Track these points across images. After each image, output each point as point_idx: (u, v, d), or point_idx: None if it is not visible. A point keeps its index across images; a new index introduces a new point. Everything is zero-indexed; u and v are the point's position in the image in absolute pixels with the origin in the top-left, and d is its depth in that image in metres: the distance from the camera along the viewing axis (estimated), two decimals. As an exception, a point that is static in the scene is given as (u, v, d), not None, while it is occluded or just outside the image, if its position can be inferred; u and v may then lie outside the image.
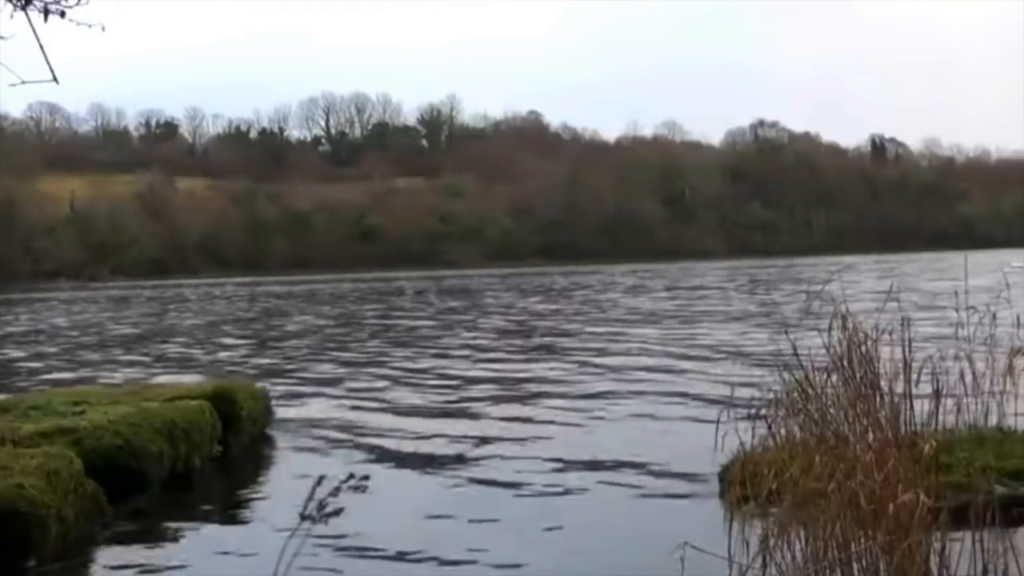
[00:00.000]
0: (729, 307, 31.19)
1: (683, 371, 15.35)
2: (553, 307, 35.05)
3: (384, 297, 48.19)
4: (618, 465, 8.89)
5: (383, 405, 13.13)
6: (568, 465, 8.96)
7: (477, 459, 9.42)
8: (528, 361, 17.91)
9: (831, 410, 4.67)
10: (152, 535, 7.28)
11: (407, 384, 15.21)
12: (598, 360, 17.36)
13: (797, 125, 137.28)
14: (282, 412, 11.77)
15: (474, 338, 23.40)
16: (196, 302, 49.34)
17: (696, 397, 12.23)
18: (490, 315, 31.88)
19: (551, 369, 16.39)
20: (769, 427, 4.76)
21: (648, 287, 48.31)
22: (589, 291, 46.60)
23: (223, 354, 21.45)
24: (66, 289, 75.98)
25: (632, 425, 10.86)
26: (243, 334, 27.54)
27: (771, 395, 4.78)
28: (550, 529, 7.03)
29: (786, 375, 4.79)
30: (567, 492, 8.05)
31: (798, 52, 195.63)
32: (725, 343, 19.01)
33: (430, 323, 29.42)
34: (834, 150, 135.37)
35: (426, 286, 59.43)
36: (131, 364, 19.77)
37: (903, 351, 4.62)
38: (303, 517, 2.48)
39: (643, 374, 15.25)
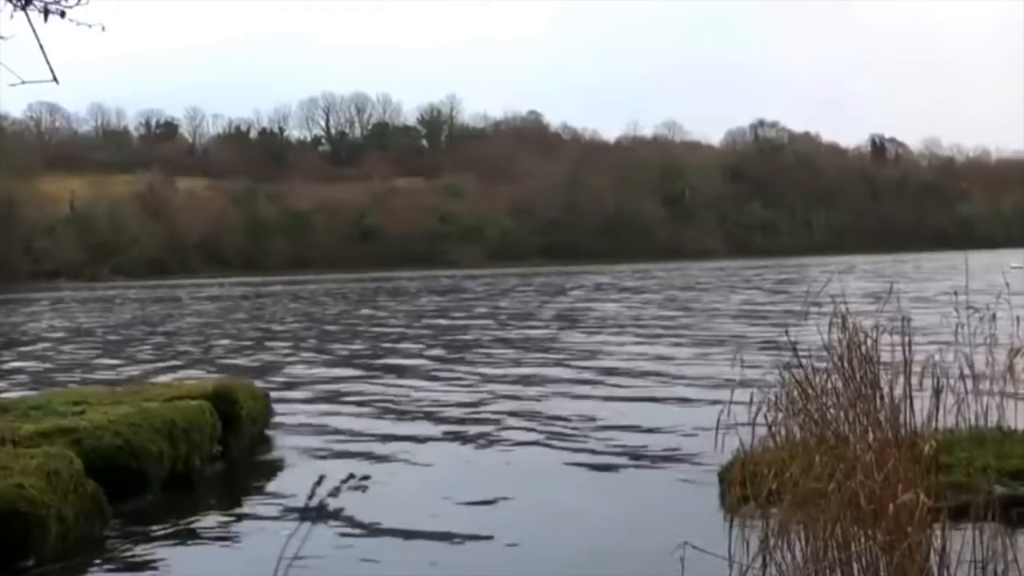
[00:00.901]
0: (726, 307, 31.19)
1: (682, 371, 15.36)
2: (555, 307, 35.06)
3: (377, 297, 48.22)
4: (618, 465, 8.90)
5: (382, 406, 13.14)
6: (567, 467, 8.96)
7: (475, 460, 9.42)
8: (524, 363, 17.90)
9: (831, 410, 4.67)
10: (152, 535, 7.27)
11: (404, 385, 15.21)
12: (594, 362, 17.37)
13: (797, 125, 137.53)
14: (281, 412, 11.77)
15: (469, 338, 23.41)
16: (190, 303, 49.33)
17: (696, 397, 12.24)
18: (479, 316, 31.89)
19: (546, 371, 16.38)
20: (769, 427, 4.76)
21: (646, 287, 48.31)
22: (585, 291, 46.63)
23: (217, 353, 21.46)
24: (64, 289, 75.89)
25: (631, 426, 10.85)
26: (234, 334, 27.54)
27: (771, 395, 4.78)
28: (550, 530, 7.03)
29: (786, 375, 4.79)
30: (567, 493, 8.05)
31: (798, 52, 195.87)
32: (724, 344, 19.00)
33: (418, 325, 29.42)
34: (834, 150, 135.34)
35: (414, 287, 59.43)
36: (127, 364, 19.77)
37: (903, 351, 4.62)
38: (303, 517, 2.47)
39: (641, 375, 15.27)
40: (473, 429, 11.02)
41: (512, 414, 11.93)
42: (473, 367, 17.23)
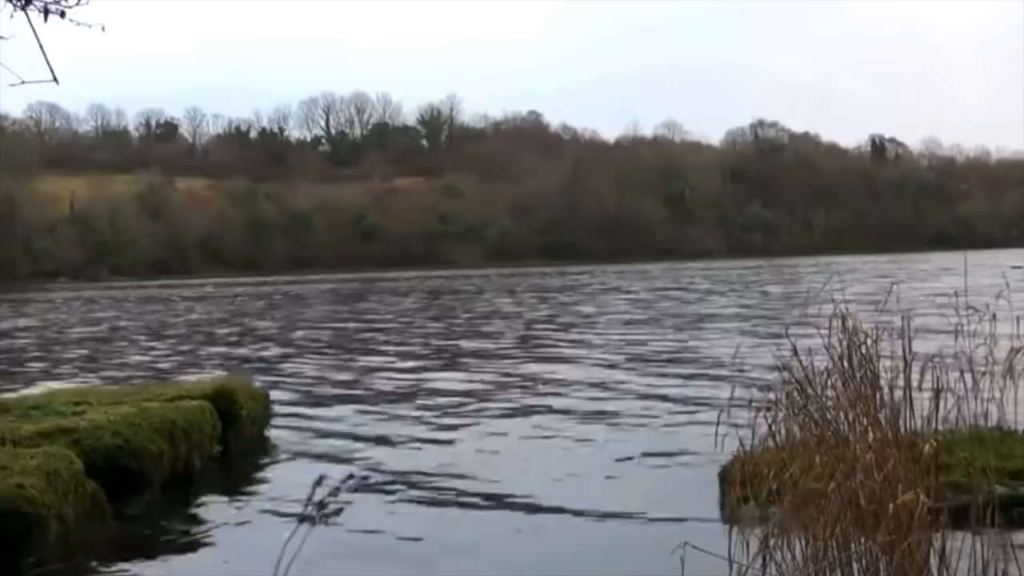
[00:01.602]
0: (725, 307, 31.20)
1: (681, 371, 15.36)
2: (555, 307, 35.07)
3: (368, 297, 48.22)
4: (617, 465, 8.90)
5: (380, 407, 13.14)
6: (567, 466, 8.96)
7: (474, 460, 9.42)
8: (523, 362, 17.90)
9: (831, 410, 4.67)
10: (152, 535, 7.28)
11: (405, 385, 15.22)
12: (590, 362, 17.37)
13: (797, 125, 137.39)
14: (281, 412, 11.77)
15: (460, 340, 23.41)
16: (177, 302, 49.33)
17: (695, 397, 12.24)
18: (470, 318, 31.90)
19: (546, 370, 16.38)
20: (769, 427, 4.76)
21: (644, 288, 48.29)
22: (583, 291, 46.63)
23: (215, 353, 21.47)
24: (54, 290, 75.65)
25: (631, 426, 10.86)
26: (226, 334, 27.55)
27: (771, 395, 4.79)
28: (549, 530, 7.03)
29: (786, 375, 4.79)
30: (566, 493, 8.04)
31: (796, 52, 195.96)
32: (724, 344, 19.00)
33: (408, 325, 29.43)
34: (834, 150, 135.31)
35: (406, 287, 59.42)
36: (123, 364, 19.78)
37: (903, 351, 4.62)
38: (303, 517, 2.47)
39: (639, 376, 15.26)
40: (470, 430, 11.02)
41: (508, 416, 11.93)
42: (466, 369, 17.23)
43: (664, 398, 12.68)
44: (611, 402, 12.58)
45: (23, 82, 4.96)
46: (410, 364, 18.21)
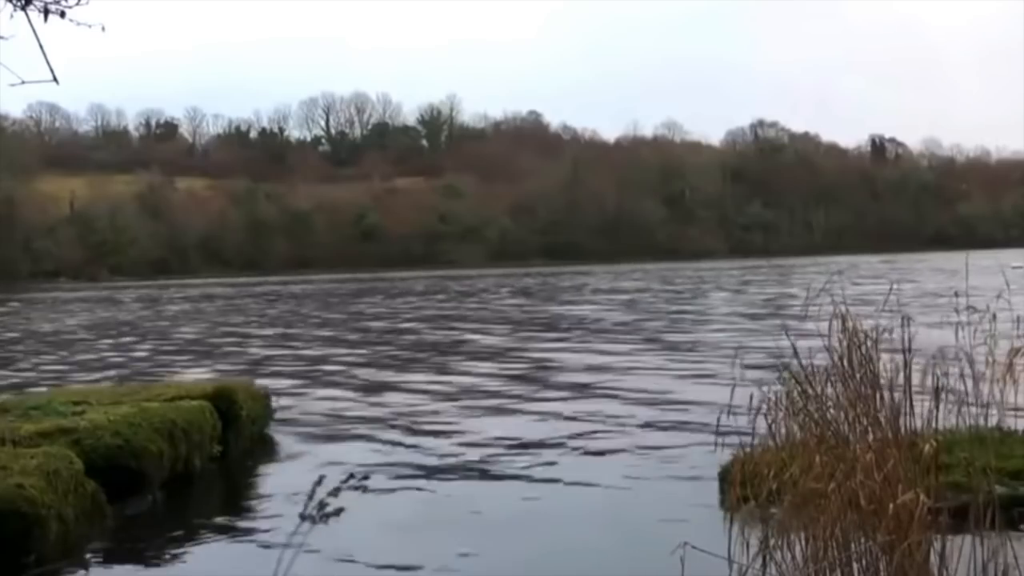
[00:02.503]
0: (726, 307, 31.20)
1: (681, 371, 15.36)
2: (564, 309, 35.08)
3: (364, 297, 48.22)
4: (617, 466, 8.90)
5: (380, 407, 13.15)
6: (567, 466, 8.96)
7: (474, 461, 9.42)
8: (516, 366, 17.89)
9: (831, 410, 4.66)
10: (152, 535, 7.28)
11: (406, 386, 15.22)
12: (588, 363, 17.36)
13: (797, 125, 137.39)
14: (281, 412, 11.77)
15: (459, 341, 23.42)
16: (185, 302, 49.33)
17: (695, 398, 12.23)
18: (474, 320, 31.90)
19: (546, 370, 16.38)
20: (769, 427, 4.76)
21: (643, 288, 48.30)
22: (583, 291, 46.63)
23: (217, 353, 21.47)
24: (56, 290, 75.58)
25: (630, 427, 10.86)
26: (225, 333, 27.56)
27: (771, 395, 4.78)
28: (550, 530, 7.03)
29: (786, 375, 4.79)
30: (566, 493, 8.04)
31: (797, 52, 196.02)
32: (723, 344, 19.00)
33: (408, 326, 29.44)
34: (834, 150, 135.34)
35: (402, 287, 59.42)
36: (121, 363, 19.77)
37: (903, 351, 4.62)
38: (303, 517, 2.47)
39: (639, 377, 15.26)
40: (470, 430, 11.02)
41: (499, 417, 11.93)
42: (463, 372, 17.22)
43: (663, 398, 12.68)
44: (610, 402, 12.58)
45: (23, 82, 4.96)
46: (411, 364, 18.21)
